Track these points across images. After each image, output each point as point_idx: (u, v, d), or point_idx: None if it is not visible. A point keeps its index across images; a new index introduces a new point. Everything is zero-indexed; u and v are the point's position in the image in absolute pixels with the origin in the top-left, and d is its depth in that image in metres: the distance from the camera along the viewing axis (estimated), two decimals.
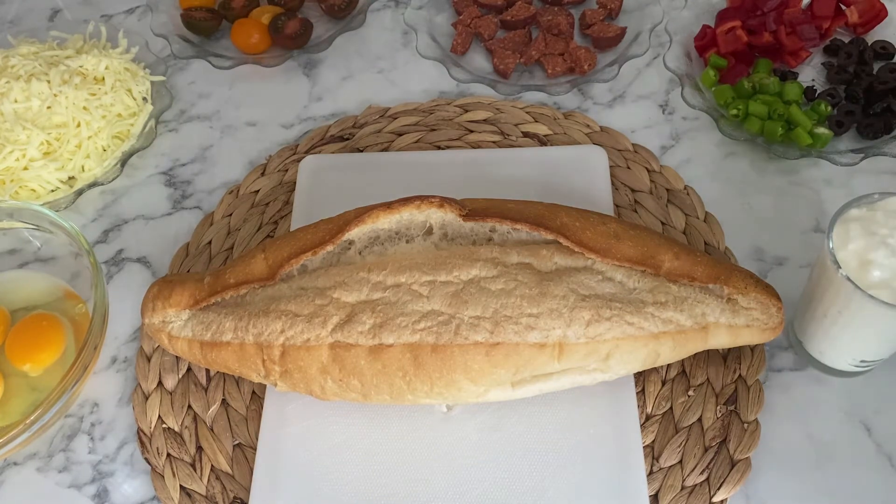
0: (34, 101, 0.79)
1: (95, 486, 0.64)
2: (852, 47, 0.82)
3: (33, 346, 0.68)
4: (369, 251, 0.62)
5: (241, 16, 0.92)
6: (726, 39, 0.83)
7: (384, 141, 0.82)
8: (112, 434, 0.66)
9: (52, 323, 0.69)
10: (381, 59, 0.91)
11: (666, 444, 0.62)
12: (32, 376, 0.67)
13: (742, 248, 0.71)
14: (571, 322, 0.57)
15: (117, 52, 0.87)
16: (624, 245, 0.60)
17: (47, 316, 0.70)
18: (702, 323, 0.59)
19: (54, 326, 0.69)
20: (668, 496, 0.59)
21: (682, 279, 0.59)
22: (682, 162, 0.78)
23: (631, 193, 0.75)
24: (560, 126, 0.81)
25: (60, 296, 0.72)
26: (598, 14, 0.89)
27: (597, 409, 0.62)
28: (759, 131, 0.77)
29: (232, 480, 0.63)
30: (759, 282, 0.60)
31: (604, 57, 0.87)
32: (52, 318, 0.70)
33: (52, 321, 0.70)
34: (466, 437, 0.62)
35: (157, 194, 0.81)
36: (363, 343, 0.58)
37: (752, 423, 0.61)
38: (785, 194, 0.75)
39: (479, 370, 0.57)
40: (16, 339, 0.69)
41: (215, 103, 0.89)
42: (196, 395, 0.67)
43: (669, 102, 0.83)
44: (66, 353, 0.68)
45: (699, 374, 0.64)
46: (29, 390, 0.67)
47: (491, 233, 0.62)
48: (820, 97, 0.79)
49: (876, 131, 0.76)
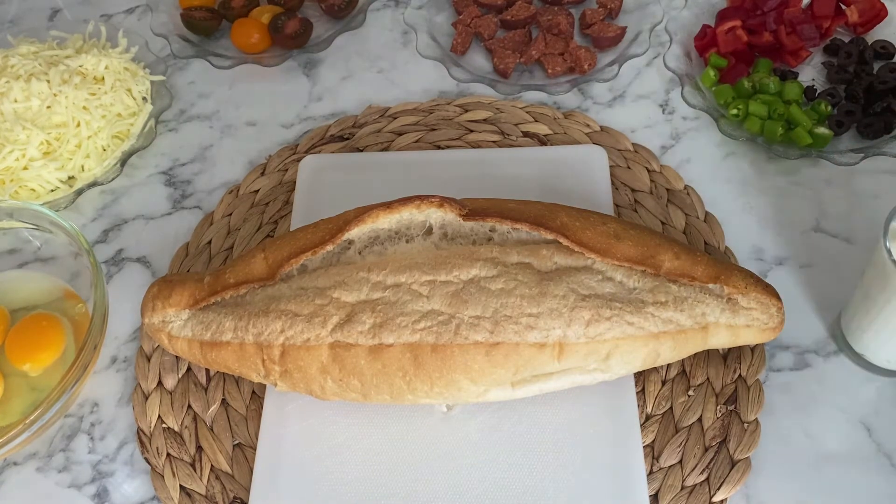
0: (34, 100, 0.79)
1: (95, 486, 0.64)
2: (852, 47, 0.82)
3: (33, 345, 0.68)
4: (369, 251, 0.62)
5: (240, 15, 0.92)
6: (726, 39, 0.83)
7: (384, 141, 0.82)
8: (112, 434, 0.66)
9: (51, 323, 0.69)
10: (381, 59, 0.91)
11: (666, 444, 0.62)
12: (32, 376, 0.67)
13: (742, 248, 0.71)
14: (571, 322, 0.57)
15: (117, 52, 0.87)
16: (624, 245, 0.60)
17: (47, 316, 0.70)
18: (702, 323, 0.59)
19: (54, 326, 0.69)
20: (668, 496, 0.59)
21: (682, 279, 0.59)
22: (682, 162, 0.78)
23: (631, 193, 0.75)
24: (560, 126, 0.81)
25: (60, 296, 0.72)
26: (598, 14, 0.89)
27: (597, 409, 0.62)
28: (759, 131, 0.77)
29: (232, 480, 0.63)
30: (760, 281, 0.60)
31: (604, 57, 0.87)
32: (51, 318, 0.70)
33: (51, 321, 0.69)
34: (466, 437, 0.62)
35: (156, 194, 0.81)
36: (363, 343, 0.58)
37: (752, 423, 0.61)
38: (785, 194, 0.75)
39: (479, 370, 0.57)
40: (16, 338, 0.69)
41: (215, 103, 0.89)
42: (196, 394, 0.67)
43: (669, 102, 0.83)
44: (66, 353, 0.68)
45: (699, 373, 0.64)
46: (29, 390, 0.67)
47: (491, 232, 0.62)
48: (820, 97, 0.79)
49: (876, 131, 0.76)
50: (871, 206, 0.73)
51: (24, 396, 0.66)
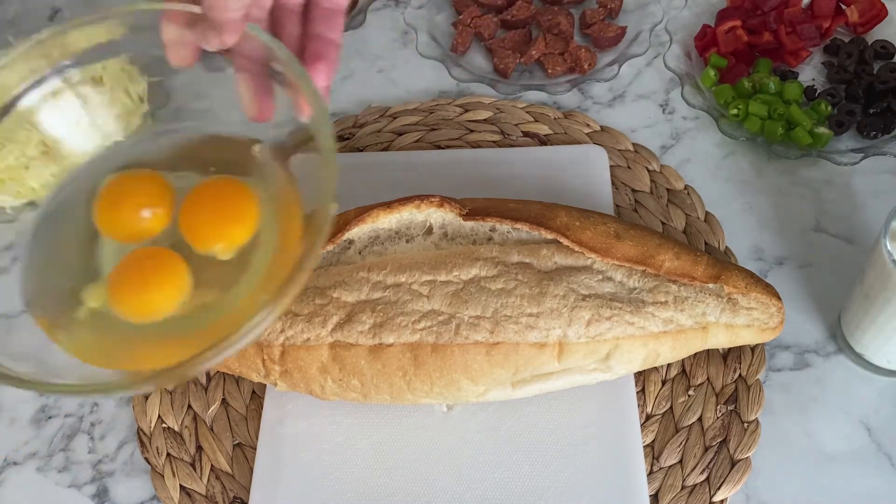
0: None
1: (95, 486, 0.64)
2: (852, 47, 0.82)
3: (222, 219, 0.50)
4: (369, 251, 0.62)
5: None
6: (726, 39, 0.83)
7: (384, 141, 0.82)
8: (112, 434, 0.66)
9: (237, 189, 0.51)
10: (381, 59, 0.91)
11: (666, 444, 0.62)
12: (222, 259, 0.49)
13: (742, 248, 0.71)
14: (571, 322, 0.57)
15: None
16: (624, 245, 0.60)
17: (229, 181, 0.52)
18: (702, 323, 0.59)
19: (241, 193, 0.50)
20: (669, 496, 0.59)
21: (682, 279, 0.59)
22: (682, 161, 0.78)
23: (631, 193, 0.75)
24: (560, 126, 0.81)
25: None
26: (598, 14, 0.89)
27: (597, 409, 0.62)
28: (759, 131, 0.77)
29: (232, 480, 0.63)
30: (760, 281, 0.60)
31: (604, 57, 0.87)
32: (236, 184, 0.51)
33: (237, 188, 0.51)
34: (466, 437, 0.62)
35: None
36: (363, 343, 0.58)
37: (753, 423, 0.61)
38: (785, 194, 0.75)
39: (479, 370, 0.57)
40: (195, 212, 0.50)
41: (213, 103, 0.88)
42: (196, 394, 0.67)
43: (669, 102, 0.83)
44: (262, 234, 0.49)
45: (699, 373, 0.64)
46: (221, 276, 0.49)
47: (491, 232, 0.62)
48: (820, 97, 0.79)
49: (876, 131, 0.76)
50: (871, 206, 0.73)
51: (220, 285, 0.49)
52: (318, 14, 0.50)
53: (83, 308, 0.48)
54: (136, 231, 0.50)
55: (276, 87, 0.51)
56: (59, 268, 0.51)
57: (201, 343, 0.42)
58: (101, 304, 0.48)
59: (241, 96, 0.51)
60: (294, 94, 0.48)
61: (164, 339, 0.47)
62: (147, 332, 0.47)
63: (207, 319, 0.47)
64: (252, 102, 0.51)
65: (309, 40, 0.50)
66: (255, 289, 0.48)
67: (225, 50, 0.49)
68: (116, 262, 0.49)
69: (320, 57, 0.49)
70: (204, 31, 0.47)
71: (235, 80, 0.51)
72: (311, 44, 0.50)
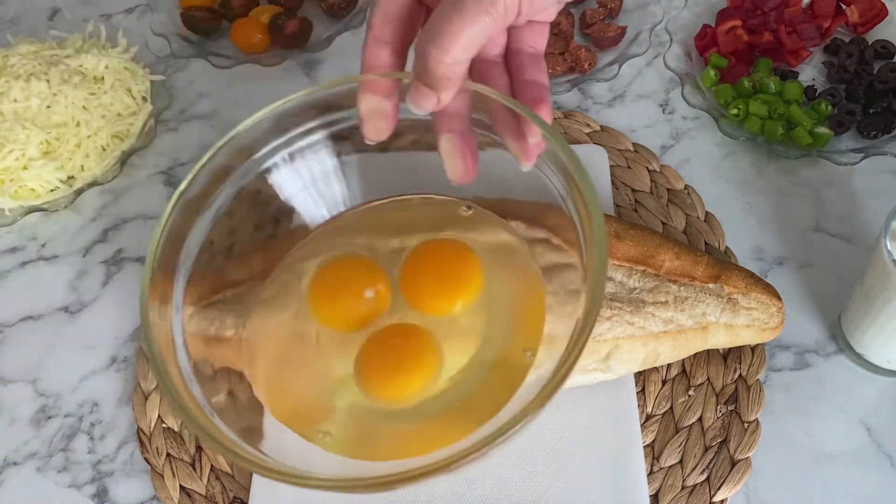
0: (33, 100, 0.79)
1: (95, 486, 0.64)
2: (853, 47, 0.82)
3: (450, 285, 0.48)
4: None
5: (240, 15, 0.92)
6: (726, 39, 0.83)
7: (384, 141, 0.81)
8: (112, 434, 0.66)
9: (460, 250, 0.49)
10: None
11: (666, 444, 0.61)
12: (455, 319, 0.49)
13: (742, 248, 0.71)
14: None
15: (117, 52, 0.87)
16: (624, 244, 0.60)
17: (451, 242, 0.51)
18: (702, 323, 0.59)
19: (465, 255, 0.49)
20: (669, 496, 0.59)
21: (682, 279, 0.59)
22: (682, 161, 0.78)
23: (631, 193, 0.75)
24: (560, 125, 0.81)
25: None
26: (598, 14, 0.89)
27: (597, 409, 0.62)
28: (759, 131, 0.77)
29: (232, 480, 0.63)
30: (760, 281, 0.60)
31: (604, 56, 0.87)
32: (458, 245, 0.50)
33: (460, 249, 0.49)
34: None
35: (156, 194, 0.81)
36: None
37: (753, 423, 0.61)
38: (785, 194, 0.75)
39: None
40: (420, 279, 0.49)
41: (215, 102, 0.88)
42: None
43: (669, 102, 0.83)
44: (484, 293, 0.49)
45: (699, 373, 0.64)
46: (458, 334, 0.49)
47: None
48: (820, 97, 0.79)
49: (876, 131, 0.76)
50: (871, 206, 0.73)
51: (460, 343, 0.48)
52: (523, 61, 0.48)
53: (337, 407, 0.48)
54: (362, 316, 0.49)
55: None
56: (300, 381, 0.50)
57: (468, 416, 0.41)
58: (354, 397, 0.47)
59: (444, 159, 0.49)
60: (514, 144, 0.47)
61: (425, 419, 0.46)
62: (405, 416, 0.47)
63: (463, 390, 0.47)
64: (459, 163, 0.49)
65: (523, 87, 0.48)
66: (510, 345, 0.47)
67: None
68: (347, 353, 0.48)
69: (541, 100, 0.47)
70: (415, 94, 0.45)
71: (439, 143, 0.49)
72: (527, 90, 0.48)
